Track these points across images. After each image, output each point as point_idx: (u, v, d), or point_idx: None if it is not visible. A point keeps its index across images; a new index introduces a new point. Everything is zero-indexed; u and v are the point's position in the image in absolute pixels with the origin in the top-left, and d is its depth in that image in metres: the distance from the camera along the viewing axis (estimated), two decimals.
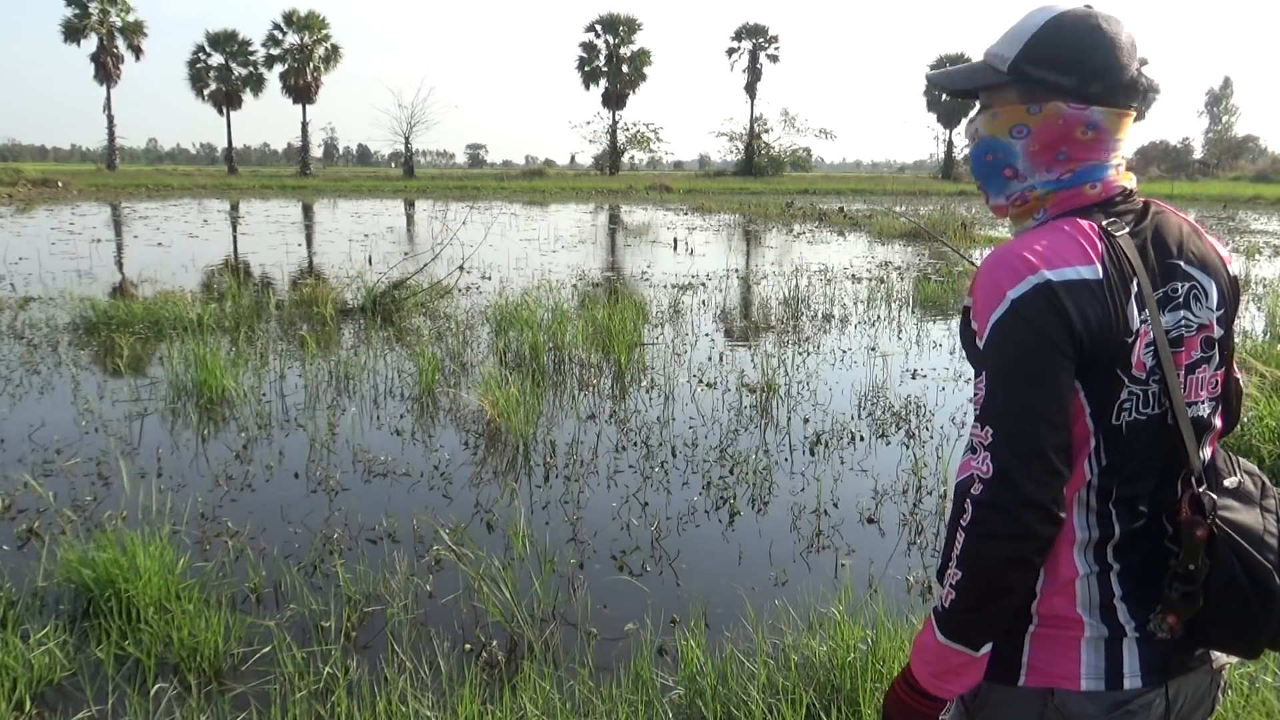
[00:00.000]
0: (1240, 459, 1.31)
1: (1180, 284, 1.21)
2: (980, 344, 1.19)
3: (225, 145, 62.70)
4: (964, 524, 1.16)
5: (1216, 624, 1.18)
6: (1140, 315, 1.17)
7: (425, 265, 11.48)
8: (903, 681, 1.29)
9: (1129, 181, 1.26)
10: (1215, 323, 1.22)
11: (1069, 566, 1.21)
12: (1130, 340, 1.16)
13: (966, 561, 1.16)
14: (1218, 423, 1.28)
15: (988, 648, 1.21)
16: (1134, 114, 1.25)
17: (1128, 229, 1.20)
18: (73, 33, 54.30)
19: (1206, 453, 1.25)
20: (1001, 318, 1.15)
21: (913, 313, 10.65)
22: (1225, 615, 1.17)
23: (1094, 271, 1.15)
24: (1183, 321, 1.20)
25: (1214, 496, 1.19)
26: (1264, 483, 1.27)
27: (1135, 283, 1.16)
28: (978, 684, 1.25)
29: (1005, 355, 1.15)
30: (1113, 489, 1.21)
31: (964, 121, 1.31)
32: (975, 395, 1.19)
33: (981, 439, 1.15)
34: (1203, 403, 1.24)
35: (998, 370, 1.16)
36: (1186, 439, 1.19)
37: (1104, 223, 1.19)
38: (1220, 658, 1.27)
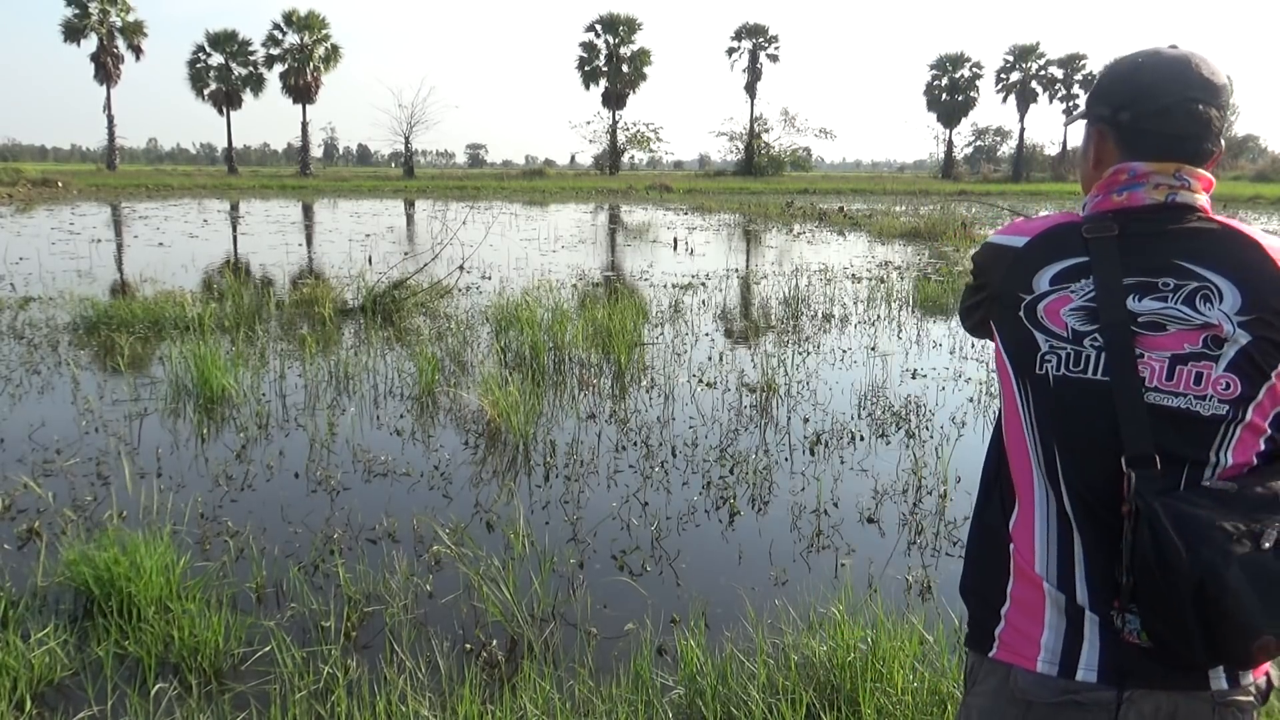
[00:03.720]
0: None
1: (1175, 280, 1.24)
2: None
3: (225, 145, 62.68)
4: None
5: (1148, 618, 1.19)
6: (1050, 283, 1.30)
7: (425, 265, 11.48)
8: None
9: (1159, 197, 1.30)
10: (1229, 325, 1.22)
11: (1028, 525, 1.31)
12: (1028, 297, 1.30)
13: None
14: (1236, 428, 1.23)
15: None
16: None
17: (1115, 233, 1.28)
18: (73, 32, 54.27)
19: (1227, 455, 1.22)
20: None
21: (913, 312, 10.66)
22: (1148, 602, 1.18)
23: (1018, 242, 1.36)
24: (1165, 311, 1.24)
25: (1145, 477, 1.20)
26: None
27: (1064, 262, 1.30)
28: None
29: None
30: (1054, 448, 1.28)
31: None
32: None
33: None
34: (1193, 396, 1.22)
35: None
36: (1124, 415, 1.22)
37: (1086, 226, 1.31)
38: (1221, 683, 1.23)
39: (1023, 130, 71.18)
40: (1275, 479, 1.20)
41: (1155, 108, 1.29)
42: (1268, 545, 1.13)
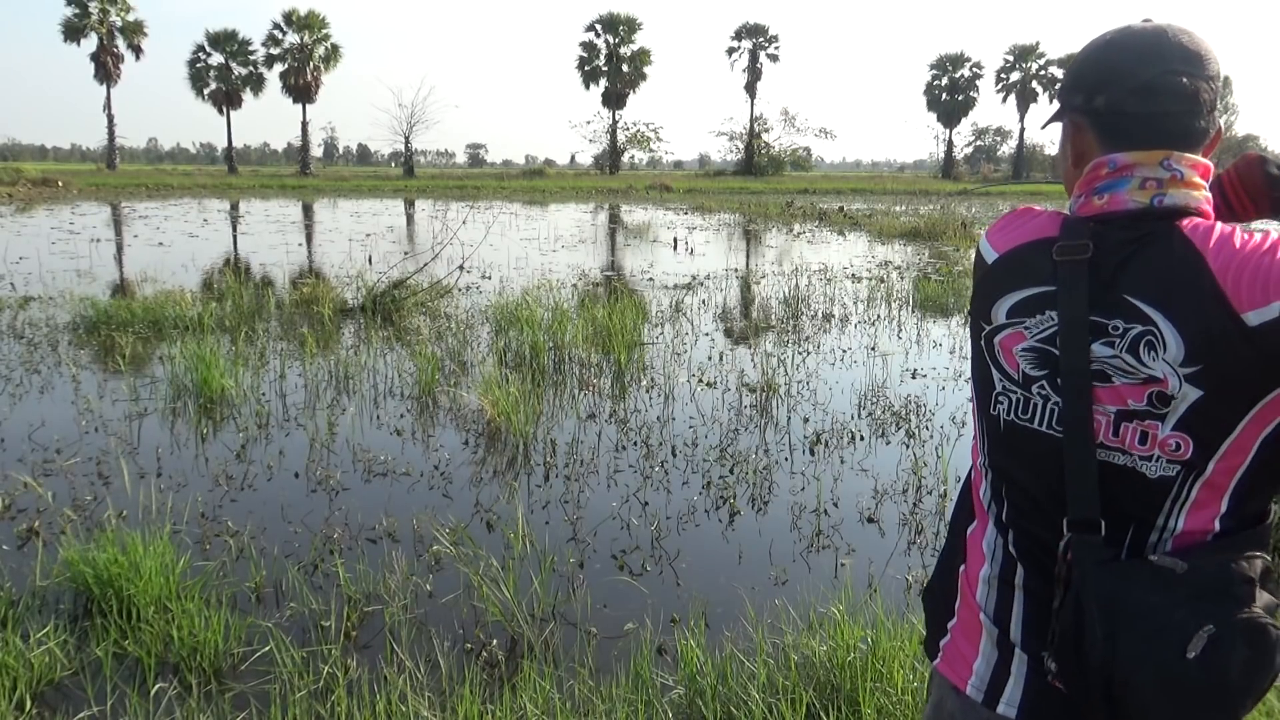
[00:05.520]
0: (1251, 558, 1.06)
1: (1124, 322, 1.08)
2: None
3: (225, 145, 62.71)
4: None
5: (1064, 681, 1.11)
6: (1008, 315, 1.18)
7: (425, 265, 11.48)
8: None
9: (1143, 199, 1.12)
10: (1175, 379, 1.05)
11: (978, 549, 1.25)
12: (988, 328, 1.21)
13: None
14: (1189, 490, 1.07)
15: None
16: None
17: (1088, 254, 1.11)
18: (73, 32, 54.29)
19: (1177, 521, 1.08)
20: None
21: (913, 312, 10.65)
22: (1062, 671, 1.10)
23: (990, 255, 1.25)
24: (1113, 360, 1.09)
25: (1085, 544, 1.08)
26: (1240, 590, 1.03)
27: (1025, 291, 1.17)
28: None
29: None
30: (1003, 490, 1.21)
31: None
32: None
33: None
34: (1139, 457, 1.08)
35: None
36: (1072, 474, 1.10)
37: (1058, 244, 1.15)
38: None
39: (1023, 130, 71.21)
40: (1232, 554, 1.05)
41: (1133, 85, 1.12)
42: (1192, 655, 0.99)
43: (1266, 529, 1.09)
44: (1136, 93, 1.12)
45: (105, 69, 55.26)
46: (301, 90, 58.45)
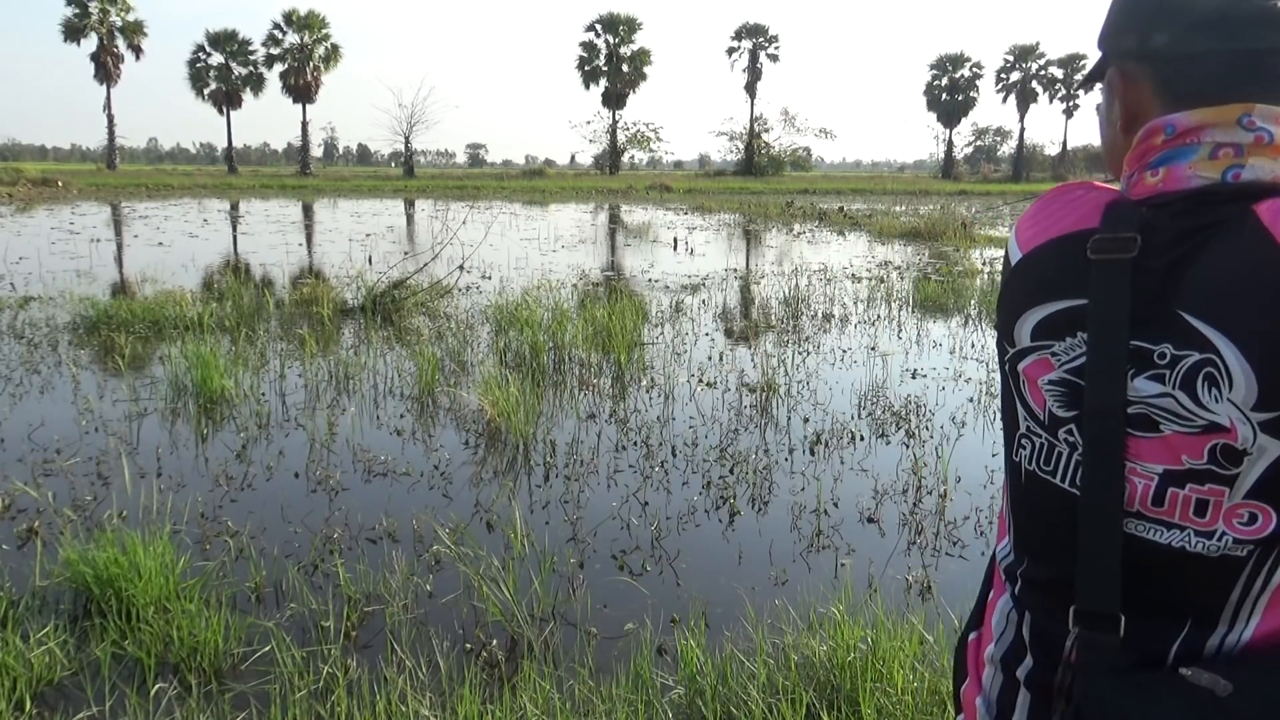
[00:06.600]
0: None
1: (1174, 347, 0.79)
2: None
3: (225, 145, 62.74)
4: None
5: None
6: (1032, 336, 0.89)
7: (425, 265, 11.49)
8: None
9: (1213, 174, 0.81)
10: (1246, 428, 0.76)
11: (989, 623, 1.02)
12: (1011, 350, 0.92)
13: None
14: (1270, 575, 0.79)
15: None
16: None
17: (1133, 252, 0.82)
18: (73, 32, 54.34)
19: (1250, 618, 0.80)
20: None
21: (913, 312, 10.65)
22: None
23: (1015, 252, 0.93)
24: (1161, 401, 0.80)
25: (1096, 645, 0.82)
26: None
27: (1052, 305, 0.87)
28: None
29: None
30: (1024, 555, 0.95)
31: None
32: None
33: None
34: (1194, 531, 0.80)
35: None
36: (1086, 551, 0.83)
37: (1095, 238, 0.84)
38: None
39: (1023, 130, 71.28)
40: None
41: (1203, 14, 0.81)
42: None
43: None
44: (1209, 24, 0.81)
45: (105, 69, 55.28)
46: (301, 90, 58.46)
